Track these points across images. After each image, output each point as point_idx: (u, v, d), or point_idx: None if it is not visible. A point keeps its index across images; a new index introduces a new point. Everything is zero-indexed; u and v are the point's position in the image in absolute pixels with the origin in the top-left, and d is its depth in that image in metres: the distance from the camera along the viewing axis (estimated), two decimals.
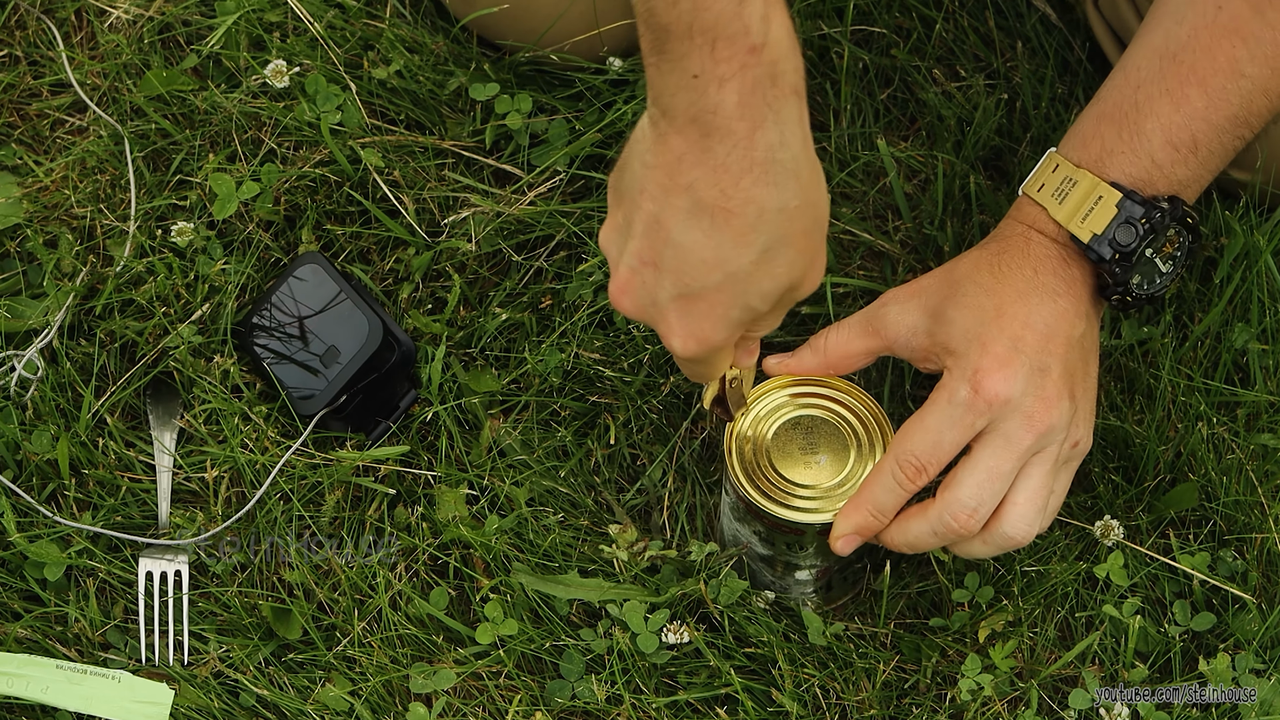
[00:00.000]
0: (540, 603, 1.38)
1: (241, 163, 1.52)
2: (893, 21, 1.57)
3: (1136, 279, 1.31)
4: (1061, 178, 1.32)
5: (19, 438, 1.42)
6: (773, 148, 1.09)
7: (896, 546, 1.29)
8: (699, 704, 1.36)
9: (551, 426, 1.46)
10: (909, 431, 1.27)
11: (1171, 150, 1.30)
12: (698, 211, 1.10)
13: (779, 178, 1.10)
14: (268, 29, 1.56)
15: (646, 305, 1.16)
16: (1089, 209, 1.30)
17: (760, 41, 1.07)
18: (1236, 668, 1.35)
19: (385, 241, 1.51)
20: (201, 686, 1.36)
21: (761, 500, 1.30)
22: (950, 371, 1.27)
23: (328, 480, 1.42)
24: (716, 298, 1.14)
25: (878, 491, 1.27)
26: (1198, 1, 1.31)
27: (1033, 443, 1.26)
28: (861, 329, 1.33)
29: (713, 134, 1.08)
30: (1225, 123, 1.30)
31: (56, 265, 1.48)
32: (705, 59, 1.06)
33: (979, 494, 1.26)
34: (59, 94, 1.58)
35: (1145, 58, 1.33)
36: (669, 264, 1.13)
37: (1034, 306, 1.28)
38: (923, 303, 1.31)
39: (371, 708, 1.35)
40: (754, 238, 1.11)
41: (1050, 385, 1.26)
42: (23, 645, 1.37)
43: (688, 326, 1.16)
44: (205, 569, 1.40)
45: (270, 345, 1.46)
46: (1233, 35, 1.29)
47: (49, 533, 1.40)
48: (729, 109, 1.07)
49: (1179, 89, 1.30)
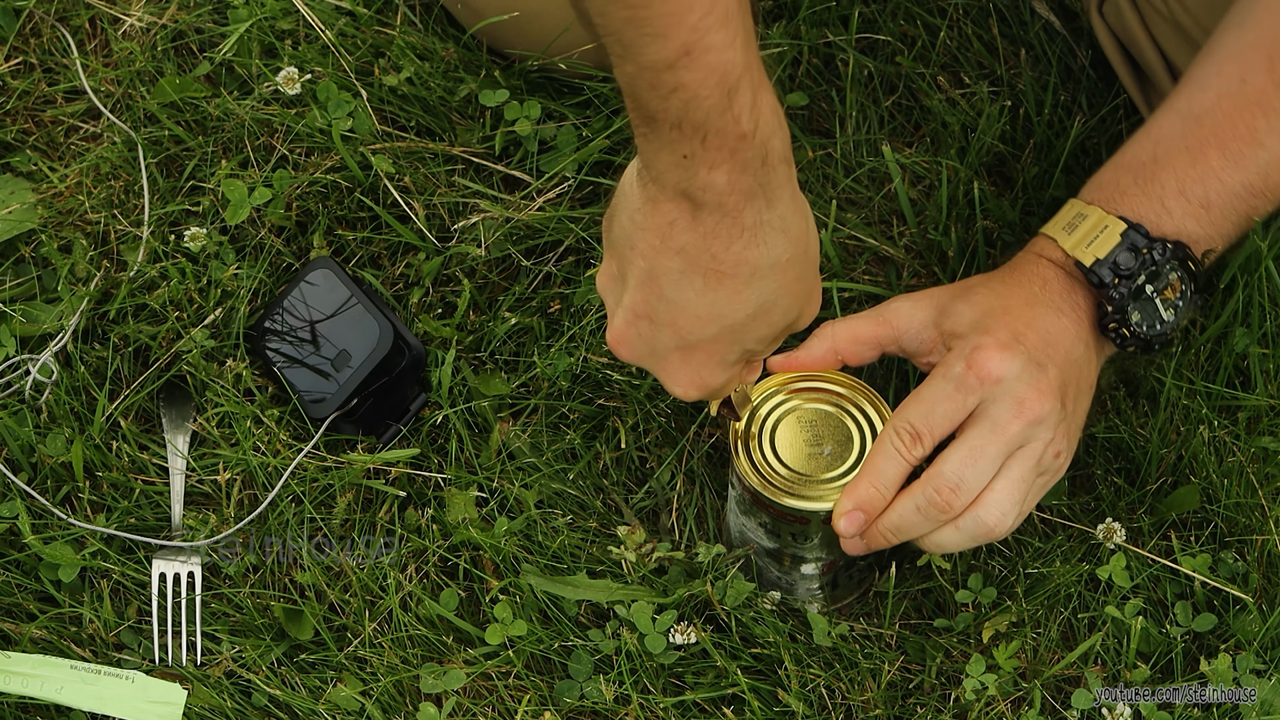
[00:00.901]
0: (549, 604, 1.38)
1: (254, 169, 1.52)
2: (898, 29, 1.58)
3: (1136, 316, 1.32)
4: (1074, 213, 1.35)
5: (34, 441, 1.42)
6: (760, 213, 1.11)
7: (885, 533, 1.29)
8: (706, 704, 1.36)
9: (560, 429, 1.46)
10: (905, 403, 1.29)
11: (1183, 200, 1.33)
12: (690, 272, 1.13)
13: (768, 238, 1.12)
14: (280, 37, 1.56)
15: (644, 355, 1.19)
16: (1094, 236, 1.32)
17: (750, 129, 1.08)
18: (1237, 668, 1.35)
19: (396, 247, 1.51)
20: (214, 686, 1.36)
21: (767, 490, 1.30)
22: (950, 351, 1.29)
23: (339, 483, 1.42)
24: (713, 347, 1.17)
25: (878, 461, 1.28)
26: (1224, 71, 1.34)
27: (1019, 431, 1.27)
28: (872, 320, 1.35)
29: (703, 208, 1.10)
30: (1239, 188, 1.33)
31: (71, 270, 1.48)
32: (696, 147, 1.07)
33: (961, 470, 1.27)
34: (73, 101, 1.58)
35: (1168, 118, 1.36)
36: (664, 318, 1.16)
37: (1039, 314, 1.30)
38: (934, 300, 1.33)
39: (382, 708, 1.35)
40: (748, 294, 1.14)
41: (1045, 380, 1.27)
42: (38, 646, 1.37)
43: (687, 375, 1.19)
44: (218, 570, 1.41)
45: (282, 349, 1.46)
46: (1255, 106, 1.32)
47: (63, 535, 1.40)
48: (720, 188, 1.09)
49: (1198, 148, 1.33)
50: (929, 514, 1.28)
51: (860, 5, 1.56)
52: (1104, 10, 1.51)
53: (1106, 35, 1.51)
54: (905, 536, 1.29)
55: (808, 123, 1.57)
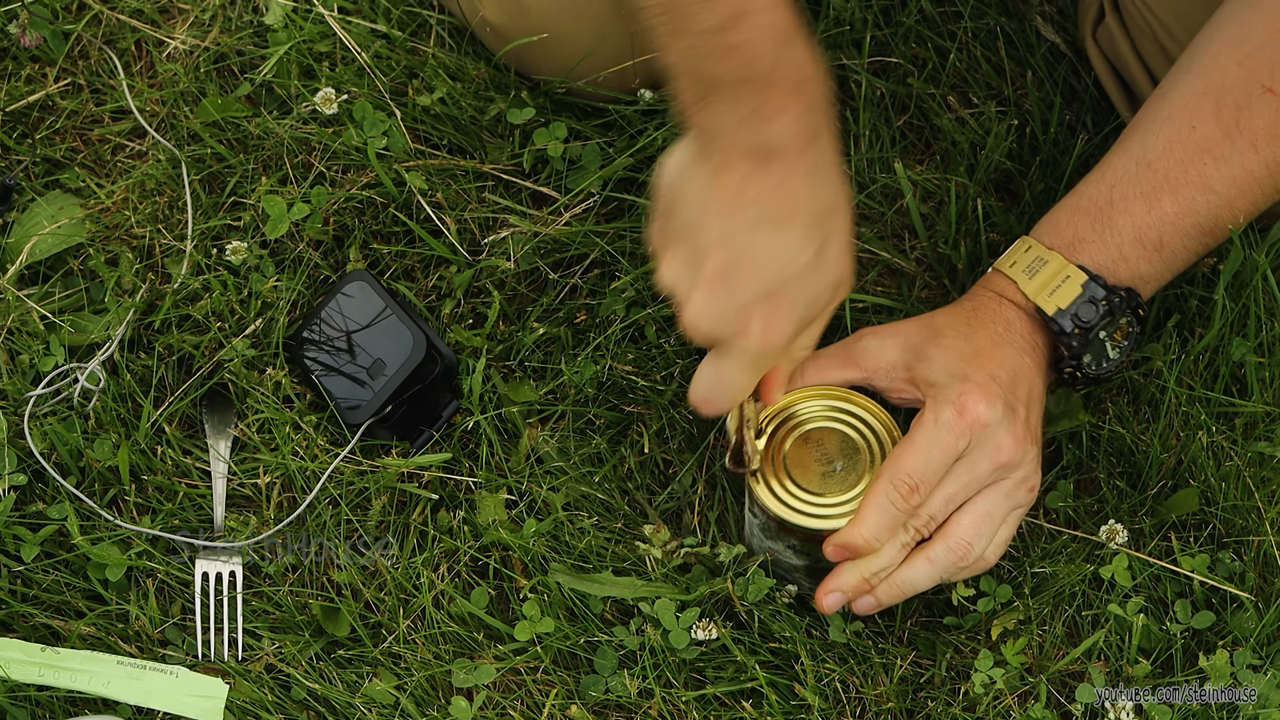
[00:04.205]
0: (576, 601, 1.38)
1: (292, 185, 1.52)
2: (909, 52, 1.58)
3: (1088, 358, 1.34)
4: (1033, 257, 1.35)
5: (82, 446, 1.43)
6: (819, 155, 1.16)
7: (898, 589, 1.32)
8: (726, 698, 1.36)
9: (587, 435, 1.46)
10: (900, 453, 1.29)
11: (1139, 247, 1.34)
12: (764, 221, 1.16)
13: (827, 179, 1.17)
14: (317, 59, 1.57)
15: (724, 317, 1.19)
16: (1056, 285, 1.33)
17: (809, 73, 1.14)
18: (1235, 663, 1.35)
19: (429, 260, 1.51)
20: (255, 681, 1.36)
21: (794, 517, 1.30)
22: (933, 399, 1.30)
23: (374, 486, 1.42)
24: (785, 295, 1.19)
25: (873, 514, 1.29)
26: (1175, 117, 1.34)
27: (989, 472, 1.29)
28: (840, 360, 1.35)
29: (772, 157, 1.15)
30: (1191, 230, 1.34)
31: (117, 282, 1.49)
32: (760, 99, 1.12)
33: (931, 509, 1.29)
34: (120, 120, 1.58)
35: (1122, 161, 1.35)
36: (743, 272, 1.17)
37: (1007, 354, 1.32)
38: (902, 341, 1.34)
39: (416, 701, 1.36)
40: (812, 235, 1.18)
41: (1019, 426, 1.30)
42: (86, 642, 1.38)
43: (766, 322, 1.19)
44: (258, 570, 1.41)
45: (320, 358, 1.46)
46: (1204, 154, 1.32)
47: (110, 536, 1.40)
48: (786, 135, 1.14)
49: (1152, 194, 1.33)
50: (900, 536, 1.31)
51: (873, 29, 1.56)
52: (1098, 35, 1.51)
53: (1099, 59, 1.52)
54: (910, 588, 1.32)
55: None
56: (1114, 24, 1.48)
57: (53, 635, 1.39)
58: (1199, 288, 1.47)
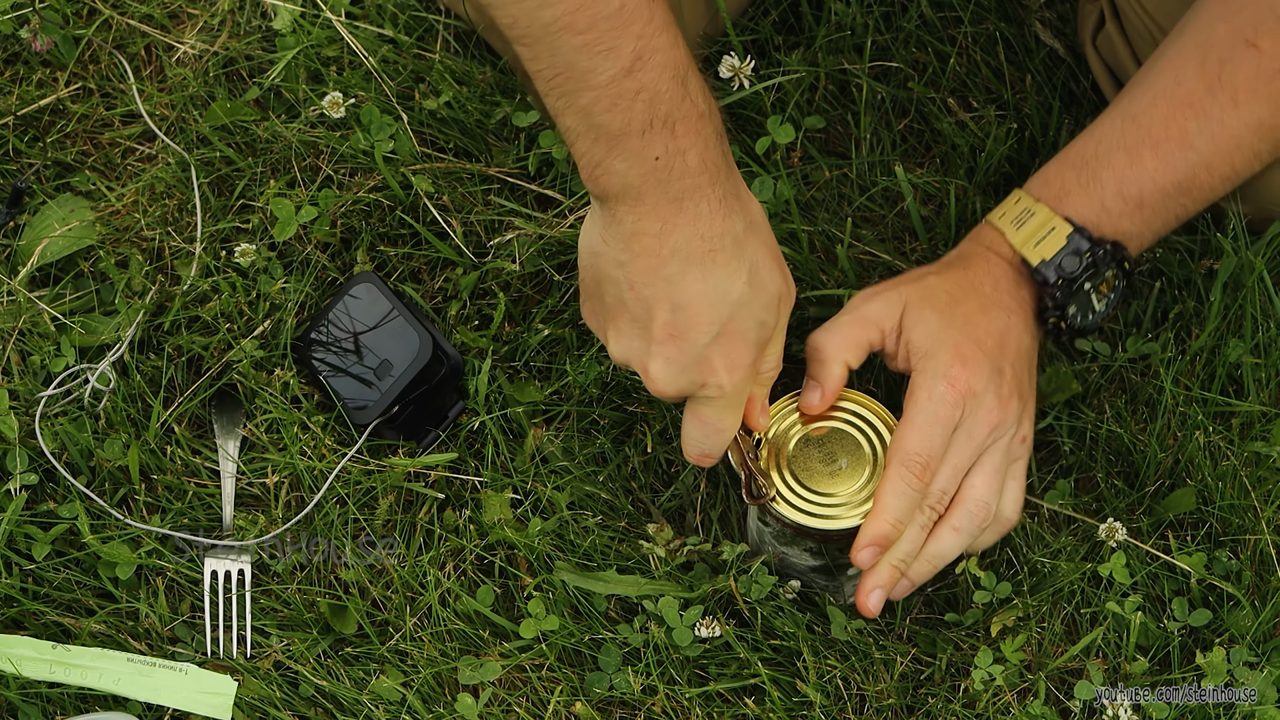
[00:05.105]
0: (580, 599, 1.39)
1: (300, 188, 1.52)
2: (909, 56, 1.59)
3: (1073, 309, 1.35)
4: (1022, 209, 1.37)
5: (92, 445, 1.43)
6: (724, 184, 1.16)
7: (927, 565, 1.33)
8: (729, 694, 1.36)
9: (591, 434, 1.46)
10: (904, 435, 1.30)
11: (1121, 201, 1.35)
12: (689, 266, 1.17)
13: (735, 206, 1.18)
14: (325, 63, 1.57)
15: (686, 371, 1.21)
16: (1042, 236, 1.35)
17: (706, 108, 1.15)
18: (1231, 660, 1.35)
19: (435, 262, 1.51)
20: (263, 678, 1.37)
21: (811, 521, 1.31)
22: (923, 371, 1.31)
23: (381, 485, 1.43)
24: (735, 327, 1.21)
25: (892, 499, 1.30)
26: (1162, 75, 1.35)
27: (986, 436, 1.31)
28: (857, 325, 1.34)
29: (683, 198, 1.15)
30: (1170, 187, 1.34)
31: (127, 284, 1.49)
32: (666, 141, 1.13)
33: (942, 483, 1.31)
34: (130, 124, 1.59)
35: (1109, 118, 1.37)
36: (689, 321, 1.19)
37: (993, 317, 1.33)
38: (900, 300, 1.34)
39: (422, 698, 1.36)
40: (738, 263, 1.19)
41: (1005, 385, 1.32)
42: (96, 639, 1.38)
43: (728, 359, 1.21)
44: (266, 568, 1.41)
45: (327, 359, 1.47)
46: (1186, 108, 1.33)
47: (120, 534, 1.41)
48: (694, 171, 1.14)
49: (1134, 148, 1.34)
50: (921, 519, 1.33)
51: (874, 34, 1.57)
52: (1098, 42, 1.51)
53: (1099, 65, 1.52)
54: (908, 553, 1.33)
55: (825, 144, 1.58)
56: (1114, 31, 1.49)
57: (64, 633, 1.39)
58: (1196, 289, 1.48)
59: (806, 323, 1.48)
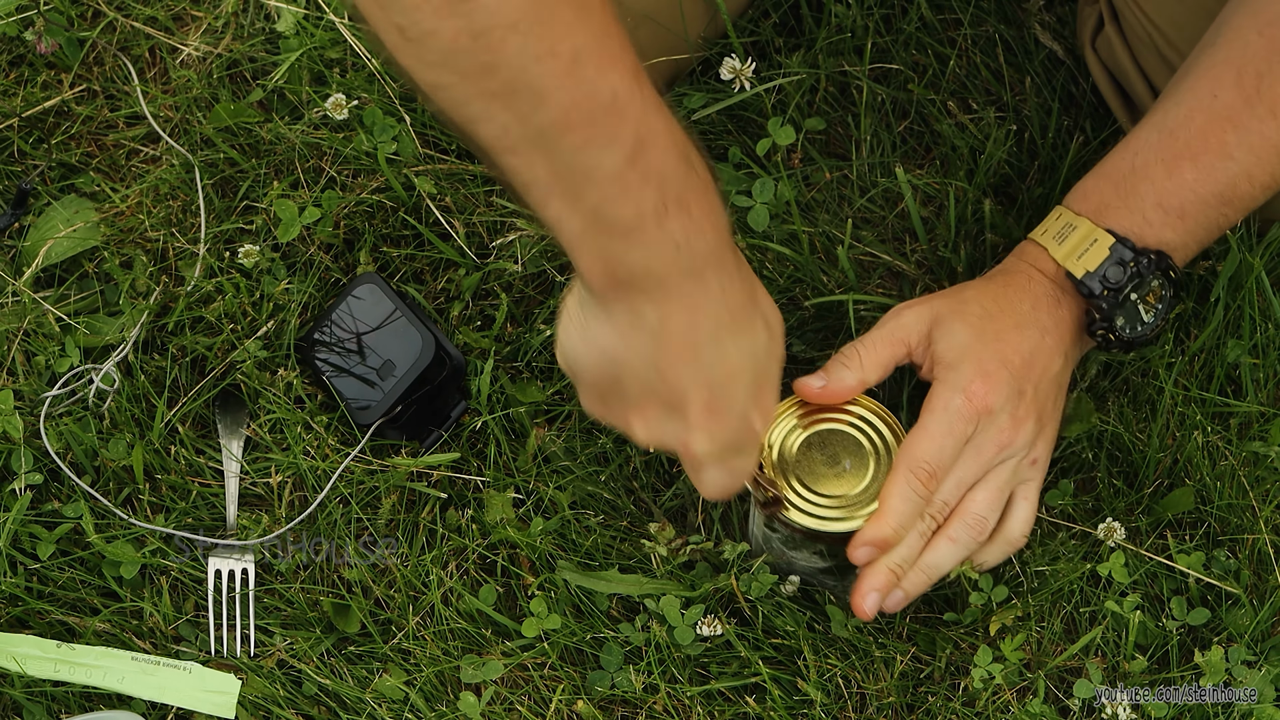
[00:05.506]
0: (582, 598, 1.39)
1: (304, 189, 1.52)
2: (910, 58, 1.58)
3: (1121, 320, 1.35)
4: (1063, 224, 1.36)
5: (97, 445, 1.44)
6: (733, 242, 1.13)
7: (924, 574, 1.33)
8: (730, 693, 1.36)
9: (593, 434, 1.46)
10: (915, 440, 1.30)
11: (1161, 212, 1.34)
12: (723, 334, 1.13)
13: (742, 261, 1.15)
14: (328, 65, 1.57)
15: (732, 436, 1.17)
16: (1085, 249, 1.34)
17: (707, 175, 1.10)
18: (1229, 659, 1.35)
19: (437, 263, 1.51)
20: (267, 676, 1.37)
21: (820, 524, 1.31)
22: (943, 382, 1.31)
23: (384, 485, 1.43)
24: (766, 377, 1.18)
25: (897, 503, 1.30)
26: (1198, 87, 1.35)
27: (994, 455, 1.31)
28: (888, 340, 1.35)
29: (705, 275, 1.10)
30: (1211, 198, 1.34)
31: (132, 285, 1.49)
32: (683, 222, 1.07)
33: (944, 494, 1.31)
34: (134, 126, 1.59)
35: (1146, 131, 1.37)
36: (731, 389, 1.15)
37: (1026, 337, 1.33)
38: (931, 313, 1.34)
39: (425, 696, 1.36)
40: (755, 313, 1.16)
41: (1023, 407, 1.31)
42: (101, 638, 1.38)
43: (762, 410, 1.19)
44: (270, 567, 1.41)
45: (330, 359, 1.47)
46: (1225, 121, 1.33)
47: (125, 534, 1.41)
48: (711, 244, 1.10)
49: (1173, 160, 1.34)
50: (920, 528, 1.33)
51: (874, 36, 1.56)
52: (1097, 45, 1.52)
53: (1099, 68, 1.52)
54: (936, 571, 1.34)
55: (825, 146, 1.58)
56: (1113, 34, 1.49)
57: (68, 632, 1.39)
58: (1195, 289, 1.48)
59: (806, 322, 1.48)
